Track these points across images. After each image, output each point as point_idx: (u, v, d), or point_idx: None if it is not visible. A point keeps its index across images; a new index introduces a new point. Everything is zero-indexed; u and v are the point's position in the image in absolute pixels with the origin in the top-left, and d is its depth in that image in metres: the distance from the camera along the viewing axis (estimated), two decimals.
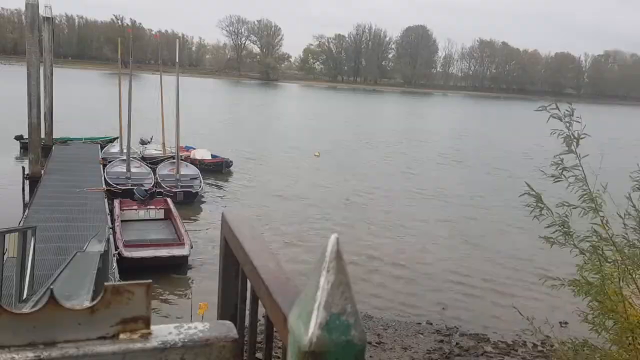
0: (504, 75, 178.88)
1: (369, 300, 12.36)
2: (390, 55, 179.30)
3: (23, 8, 19.73)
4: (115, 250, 12.65)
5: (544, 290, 6.33)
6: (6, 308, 0.55)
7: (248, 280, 1.12)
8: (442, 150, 38.75)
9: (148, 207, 17.16)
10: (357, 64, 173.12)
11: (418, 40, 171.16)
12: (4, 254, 7.22)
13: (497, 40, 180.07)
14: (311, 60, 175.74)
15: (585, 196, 5.67)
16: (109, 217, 15.29)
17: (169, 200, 17.83)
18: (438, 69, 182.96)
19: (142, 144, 27.25)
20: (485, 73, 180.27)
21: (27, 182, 19.15)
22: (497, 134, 54.70)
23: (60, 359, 0.54)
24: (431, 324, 11.67)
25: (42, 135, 22.10)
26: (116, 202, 16.94)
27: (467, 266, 15.42)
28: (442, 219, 20.13)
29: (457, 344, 10.70)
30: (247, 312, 1.19)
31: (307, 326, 0.60)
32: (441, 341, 10.78)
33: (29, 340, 0.55)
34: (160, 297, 11.78)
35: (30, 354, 0.54)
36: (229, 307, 1.32)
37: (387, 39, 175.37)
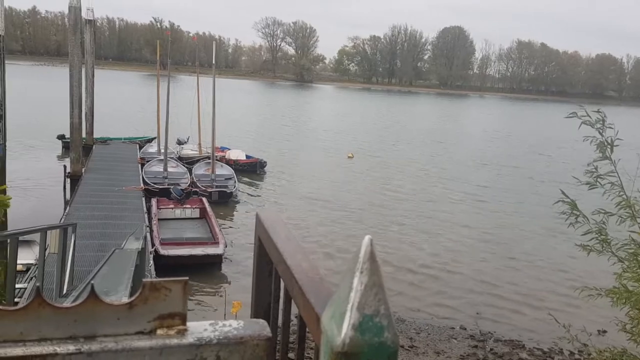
0: (542, 77, 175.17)
1: (402, 303, 12.27)
2: (425, 57, 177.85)
3: (66, 11, 20.33)
4: (152, 247, 12.89)
5: (580, 298, 6.14)
6: (49, 302, 0.56)
7: (281, 280, 1.13)
8: (475, 153, 38.19)
9: (184, 206, 17.45)
10: (391, 65, 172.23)
11: (454, 41, 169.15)
12: (45, 249, 7.44)
13: (536, 41, 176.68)
14: (346, 61, 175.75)
15: (622, 203, 5.50)
16: (146, 215, 15.60)
17: (204, 199, 18.09)
18: (475, 71, 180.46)
19: (179, 144, 27.72)
20: (524, 75, 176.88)
21: (68, 180, 19.72)
22: (533, 137, 53.59)
23: (100, 352, 0.56)
24: (465, 329, 11.50)
25: (83, 135, 22.74)
26: (153, 201, 17.28)
27: (501, 272, 15.15)
28: (475, 224, 19.83)
29: (491, 349, 10.51)
30: (280, 311, 1.20)
31: (340, 327, 0.60)
32: (475, 347, 10.61)
33: (70, 333, 0.57)
34: (195, 295, 11.95)
35: (72, 347, 0.56)
36: (262, 306, 1.33)
37: (423, 40, 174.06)
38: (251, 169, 25.61)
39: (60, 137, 28.30)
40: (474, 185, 26.71)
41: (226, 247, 14.16)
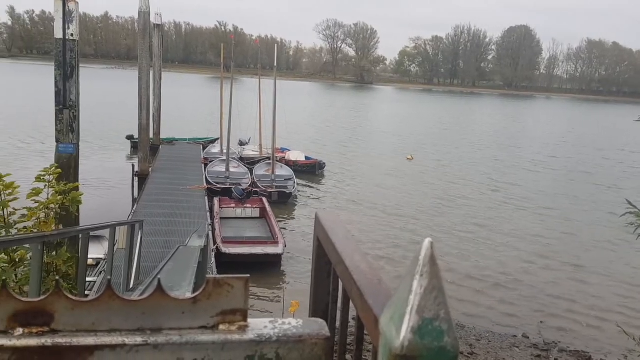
0: (614, 77, 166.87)
1: (462, 309, 12.01)
2: (489, 57, 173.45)
3: (136, 16, 21.16)
4: (214, 245, 13.21)
5: None
6: (119, 294, 0.59)
7: (340, 281, 1.13)
8: (540, 158, 36.84)
9: (245, 205, 17.78)
10: (454, 66, 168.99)
11: (520, 41, 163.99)
12: (114, 245, 7.76)
13: (607, 41, 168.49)
14: (407, 62, 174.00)
15: None
16: (208, 214, 16.00)
17: (264, 199, 18.36)
18: (541, 71, 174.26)
19: (241, 145, 28.28)
20: (594, 75, 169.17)
21: (136, 179, 20.51)
22: (603, 141, 51.13)
23: (165, 344, 0.58)
24: (528, 337, 11.11)
25: (151, 136, 23.58)
26: (216, 200, 17.72)
27: (566, 281, 14.55)
28: (538, 231, 19.13)
29: None
30: (338, 312, 1.20)
31: (399, 329, 0.60)
32: (538, 356, 10.23)
33: (138, 325, 0.59)
34: (254, 293, 12.15)
35: (139, 339, 0.58)
36: (321, 306, 1.34)
37: (487, 39, 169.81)
38: (310, 170, 25.79)
39: (129, 137, 29.49)
40: (537, 191, 25.79)
41: (285, 247, 14.31)
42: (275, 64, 25.40)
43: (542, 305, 12.80)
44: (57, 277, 7.21)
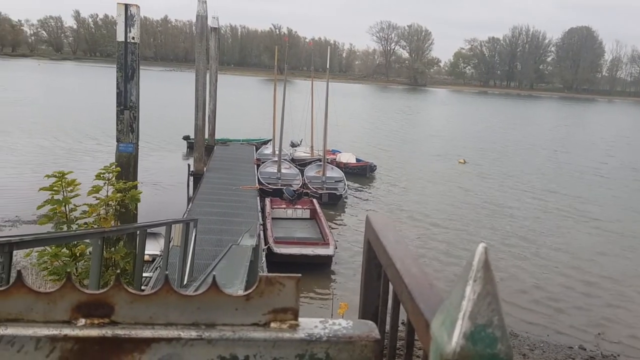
0: None
1: (515, 317, 11.67)
2: (548, 59, 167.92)
3: (194, 19, 21.71)
4: (265, 245, 13.36)
5: None
6: (176, 289, 0.61)
7: (390, 283, 1.12)
8: (599, 165, 35.28)
9: (295, 206, 17.92)
10: (511, 68, 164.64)
11: (581, 42, 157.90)
12: (169, 242, 7.99)
13: None
14: (462, 64, 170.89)
15: None
16: (260, 214, 16.22)
17: (314, 200, 18.44)
18: (603, 73, 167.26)
19: (292, 147, 28.52)
20: None
21: (191, 178, 21.03)
22: None
23: (219, 340, 0.59)
24: (584, 349, 10.69)
25: (206, 136, 24.14)
26: (267, 200, 17.93)
27: (627, 293, 13.90)
28: (599, 241, 18.38)
29: None
30: (388, 315, 1.20)
31: (450, 335, 0.59)
32: None
33: (193, 320, 0.61)
34: (303, 293, 12.21)
35: (194, 333, 0.60)
36: (370, 308, 1.34)
37: (546, 41, 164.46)
38: (361, 173, 25.71)
39: (185, 137, 30.28)
40: (599, 201, 24.67)
41: (336, 248, 14.30)
42: (327, 66, 25.48)
43: (600, 317, 12.29)
44: (117, 271, 7.47)
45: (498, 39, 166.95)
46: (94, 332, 0.58)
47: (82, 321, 0.59)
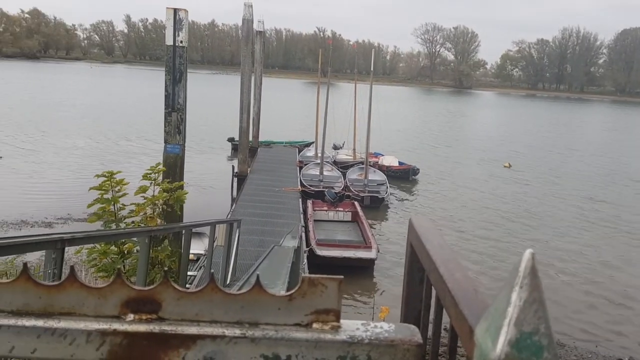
0: None
1: (562, 326, 11.33)
2: (600, 61, 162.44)
3: (240, 23, 22.00)
4: (307, 247, 13.41)
5: None
6: (221, 288, 0.62)
7: (433, 288, 1.11)
8: None
9: (337, 209, 17.92)
10: (560, 71, 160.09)
11: (635, 44, 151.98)
12: (214, 241, 8.12)
13: None
14: (509, 66, 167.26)
15: None
16: (302, 215, 16.29)
17: (356, 203, 18.40)
18: None
19: (335, 149, 28.55)
20: None
21: (235, 179, 21.32)
22: None
23: (262, 339, 0.60)
24: None
25: (250, 138, 24.43)
26: (309, 202, 18.00)
27: None
28: None
29: None
30: (431, 320, 1.18)
31: (495, 342, 0.58)
32: None
33: (237, 318, 0.62)
34: (344, 296, 12.16)
35: (237, 331, 0.61)
36: (412, 313, 1.32)
37: (598, 42, 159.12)
38: (403, 176, 25.49)
39: (230, 139, 30.76)
40: None
41: (379, 252, 14.21)
42: (371, 69, 25.41)
43: None
44: (165, 268, 7.64)
45: (547, 41, 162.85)
46: (142, 328, 0.60)
47: (130, 316, 0.61)
